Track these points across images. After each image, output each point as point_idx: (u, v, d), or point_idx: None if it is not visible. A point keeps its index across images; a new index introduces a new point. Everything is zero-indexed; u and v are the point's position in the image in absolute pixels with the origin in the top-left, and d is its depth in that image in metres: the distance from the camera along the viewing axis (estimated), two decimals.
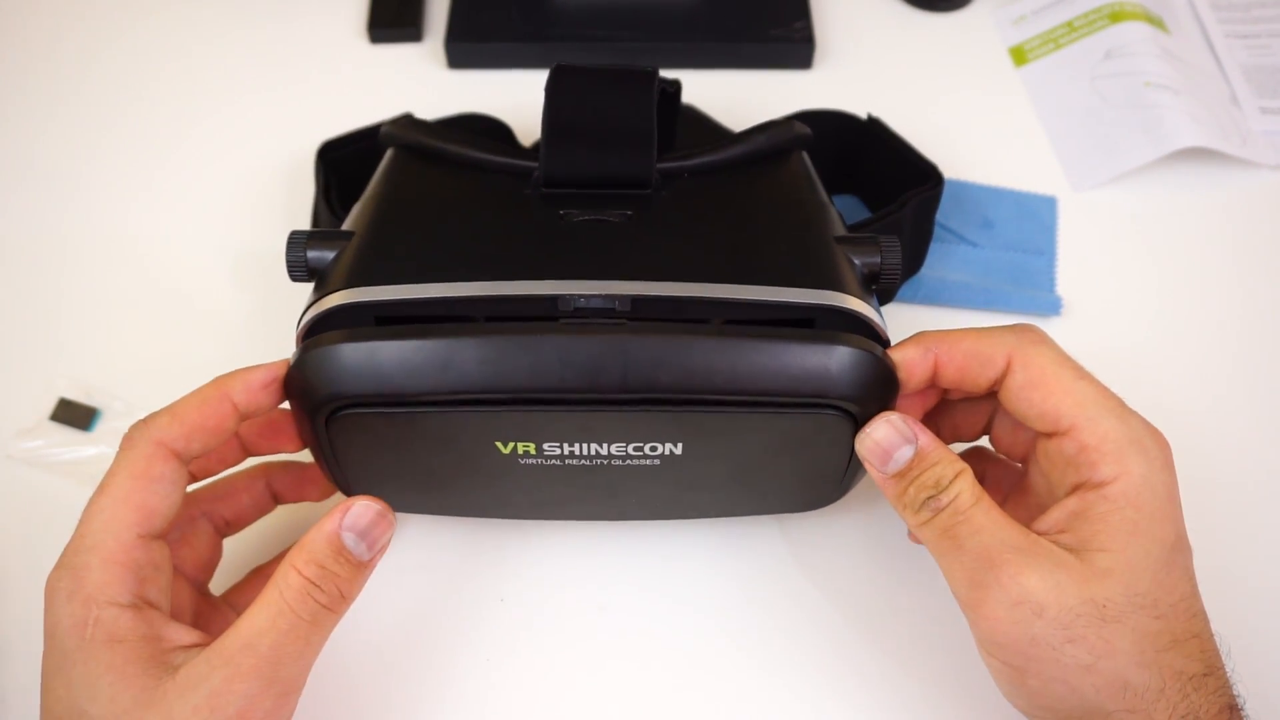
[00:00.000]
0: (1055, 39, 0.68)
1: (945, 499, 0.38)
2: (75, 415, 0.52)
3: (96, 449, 0.51)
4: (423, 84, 0.53)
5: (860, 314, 0.41)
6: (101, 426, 0.52)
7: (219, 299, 0.57)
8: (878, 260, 0.43)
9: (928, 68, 0.68)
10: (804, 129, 0.50)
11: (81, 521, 0.38)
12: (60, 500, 0.50)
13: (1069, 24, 0.68)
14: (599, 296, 0.40)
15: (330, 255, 0.43)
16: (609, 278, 0.40)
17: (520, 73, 0.66)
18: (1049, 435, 0.40)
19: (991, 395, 0.42)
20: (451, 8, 0.67)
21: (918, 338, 0.41)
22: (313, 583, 0.37)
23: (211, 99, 0.66)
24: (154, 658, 0.36)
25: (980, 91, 0.67)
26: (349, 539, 0.38)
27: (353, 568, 0.38)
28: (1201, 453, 0.52)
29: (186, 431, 0.39)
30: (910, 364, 0.41)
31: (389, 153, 0.49)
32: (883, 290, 0.44)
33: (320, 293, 0.41)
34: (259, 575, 0.46)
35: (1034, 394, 0.40)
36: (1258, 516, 0.50)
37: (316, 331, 0.40)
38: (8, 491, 0.51)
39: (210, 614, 0.43)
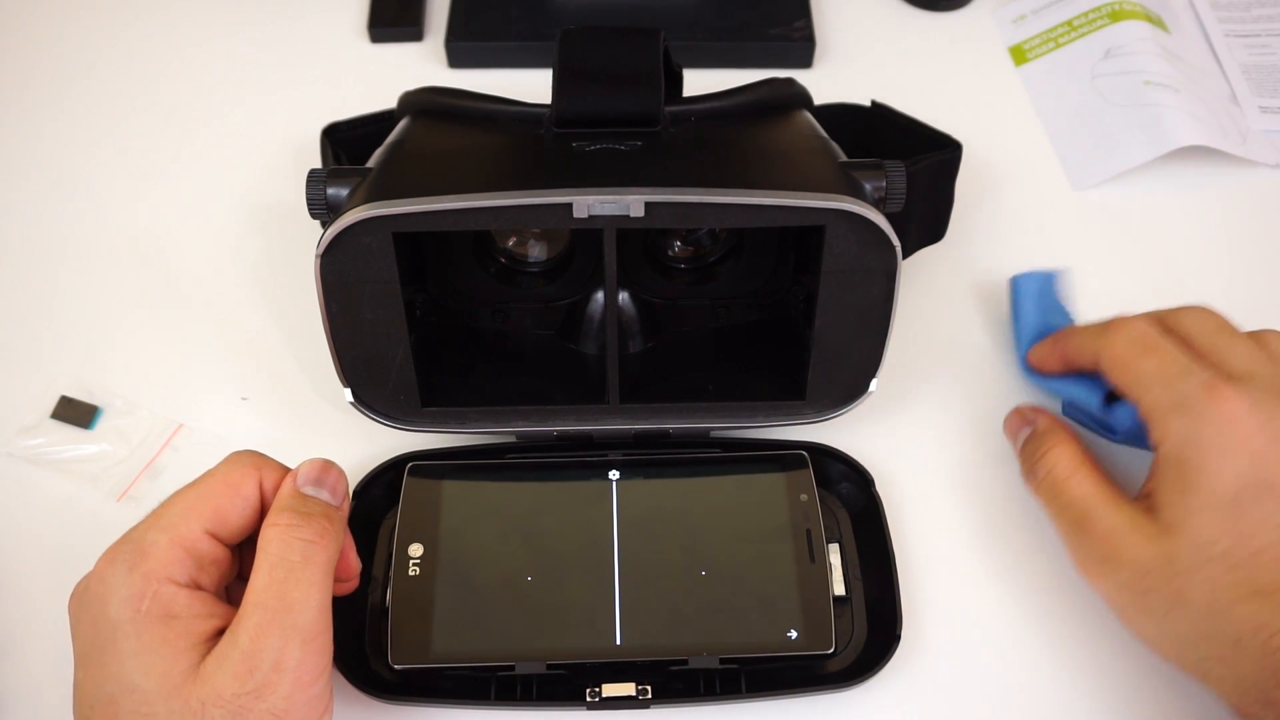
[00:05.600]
0: (1055, 38, 0.68)
1: (1042, 469, 0.46)
2: (76, 413, 0.52)
3: (97, 447, 0.52)
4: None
5: (870, 219, 0.43)
6: (102, 424, 0.52)
7: (220, 297, 0.57)
8: (884, 185, 0.45)
9: (928, 67, 0.68)
10: (803, 87, 0.52)
11: (161, 505, 0.40)
12: (61, 498, 0.50)
13: (1069, 23, 0.68)
14: (612, 203, 0.41)
15: (347, 191, 0.44)
16: (621, 185, 0.42)
17: (520, 72, 0.67)
18: None
19: None
20: (452, 7, 0.68)
21: (1052, 341, 0.50)
22: (290, 526, 0.39)
23: (212, 99, 0.66)
24: (203, 635, 0.38)
25: (980, 91, 0.67)
26: (309, 490, 0.41)
27: (324, 505, 0.41)
28: None
29: (278, 480, 0.41)
30: (1040, 360, 0.50)
31: (405, 118, 0.51)
32: (889, 216, 0.45)
33: (338, 214, 0.43)
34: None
35: (1111, 375, 0.45)
36: None
37: (335, 250, 0.43)
38: (9, 489, 0.51)
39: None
